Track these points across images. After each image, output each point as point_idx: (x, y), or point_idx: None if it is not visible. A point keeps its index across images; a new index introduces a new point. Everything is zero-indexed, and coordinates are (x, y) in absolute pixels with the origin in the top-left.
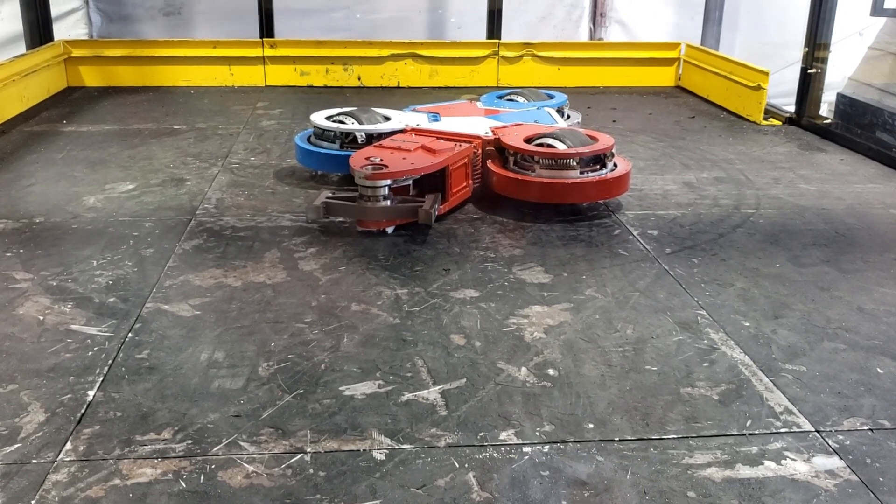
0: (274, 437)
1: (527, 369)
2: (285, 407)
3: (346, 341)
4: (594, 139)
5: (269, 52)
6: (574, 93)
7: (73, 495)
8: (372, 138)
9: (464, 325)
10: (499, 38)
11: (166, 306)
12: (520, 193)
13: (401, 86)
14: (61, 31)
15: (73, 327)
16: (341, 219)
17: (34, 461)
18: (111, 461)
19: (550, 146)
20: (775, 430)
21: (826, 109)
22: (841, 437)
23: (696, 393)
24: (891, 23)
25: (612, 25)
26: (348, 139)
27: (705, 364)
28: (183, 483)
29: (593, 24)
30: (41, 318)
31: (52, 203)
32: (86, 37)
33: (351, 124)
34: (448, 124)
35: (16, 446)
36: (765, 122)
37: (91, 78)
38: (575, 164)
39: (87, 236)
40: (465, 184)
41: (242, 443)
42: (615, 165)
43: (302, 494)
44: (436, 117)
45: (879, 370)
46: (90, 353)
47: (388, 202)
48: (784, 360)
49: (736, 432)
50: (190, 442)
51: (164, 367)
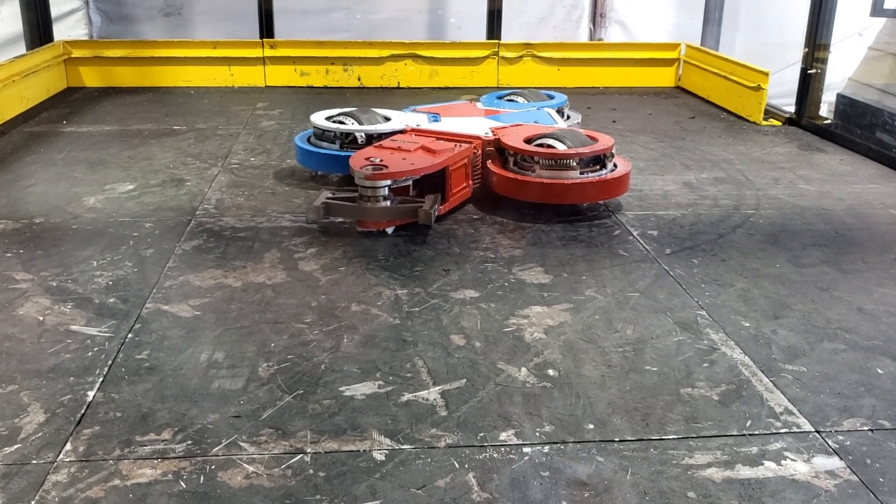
0: (274, 437)
1: (527, 370)
2: (285, 407)
3: (346, 342)
4: (594, 139)
5: (269, 52)
6: (574, 93)
7: (73, 496)
8: (372, 139)
9: (464, 325)
10: (499, 39)
11: (166, 307)
12: (520, 194)
13: (401, 86)
14: (61, 31)
15: (73, 328)
16: (341, 219)
17: (34, 462)
18: (111, 462)
19: (550, 147)
20: (775, 431)
21: (826, 110)
22: (841, 438)
23: (696, 393)
24: (891, 23)
25: (611, 26)
26: (348, 140)
27: (705, 364)
28: (183, 483)
29: (593, 25)
30: (41, 318)
31: (52, 203)
32: (86, 37)
33: (351, 125)
34: (448, 125)
35: (16, 447)
36: (765, 123)
37: (91, 78)
38: (575, 164)
39: (86, 237)
40: (465, 184)
41: (242, 443)
42: (615, 166)
43: (302, 495)
44: (436, 118)
45: (879, 370)
46: (90, 353)
47: (388, 203)
48: (784, 360)
49: (736, 433)
50: (190, 442)
51: (164, 367)
